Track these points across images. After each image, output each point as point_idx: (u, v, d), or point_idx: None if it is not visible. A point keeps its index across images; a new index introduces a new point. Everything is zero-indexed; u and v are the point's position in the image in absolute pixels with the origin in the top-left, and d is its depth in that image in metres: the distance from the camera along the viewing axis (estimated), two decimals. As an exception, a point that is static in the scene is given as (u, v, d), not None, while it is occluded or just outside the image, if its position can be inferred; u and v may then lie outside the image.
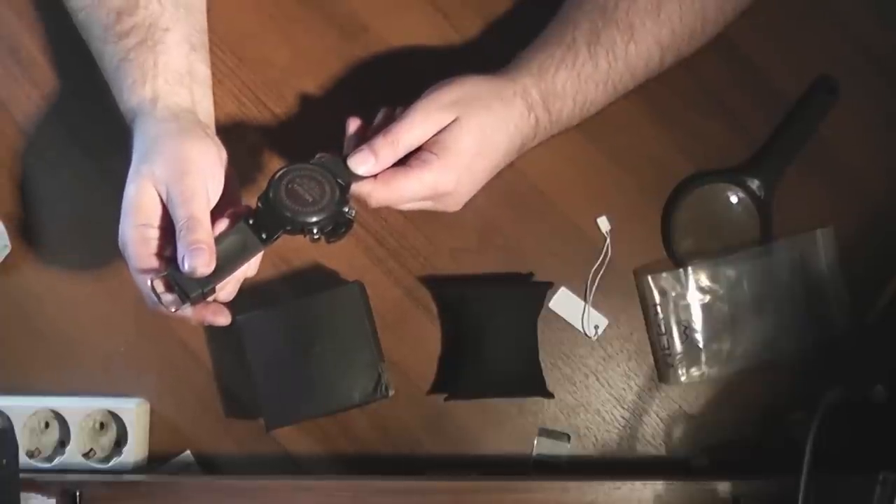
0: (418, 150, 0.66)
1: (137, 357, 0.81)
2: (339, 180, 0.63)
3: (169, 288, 0.61)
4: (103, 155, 0.81)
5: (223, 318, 0.65)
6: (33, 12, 0.82)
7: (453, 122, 0.65)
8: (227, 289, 0.65)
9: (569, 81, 0.68)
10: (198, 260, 0.59)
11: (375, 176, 0.65)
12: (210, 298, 0.62)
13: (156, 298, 0.61)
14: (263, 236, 0.62)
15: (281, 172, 0.62)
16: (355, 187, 0.64)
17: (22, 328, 0.81)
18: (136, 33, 0.68)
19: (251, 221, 0.62)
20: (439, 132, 0.65)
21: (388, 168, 0.65)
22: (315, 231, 0.62)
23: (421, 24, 0.80)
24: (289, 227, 0.61)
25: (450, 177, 0.66)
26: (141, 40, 0.68)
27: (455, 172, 0.66)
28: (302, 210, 0.61)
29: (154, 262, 0.62)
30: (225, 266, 0.61)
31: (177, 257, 0.59)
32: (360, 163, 0.64)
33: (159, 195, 0.62)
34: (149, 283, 0.60)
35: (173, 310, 0.61)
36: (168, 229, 0.62)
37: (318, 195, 0.62)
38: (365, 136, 0.66)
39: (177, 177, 0.61)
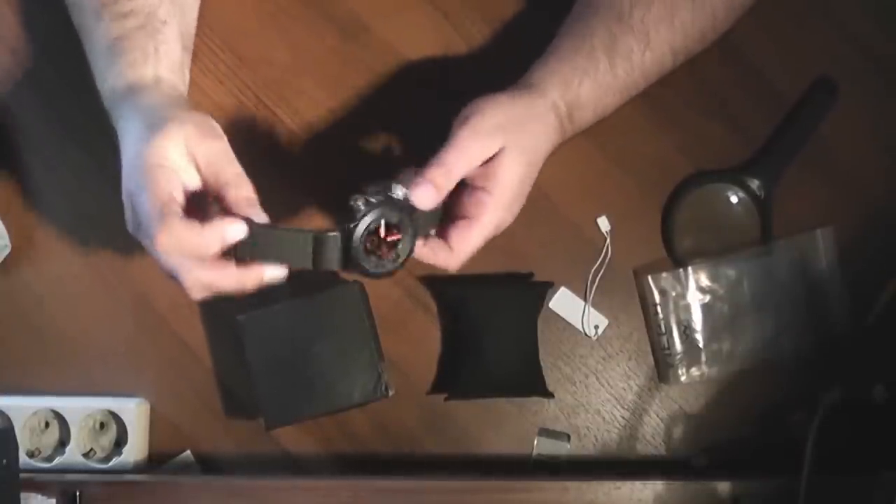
0: (467, 190, 0.65)
1: (137, 356, 0.81)
2: (412, 229, 0.62)
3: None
4: (103, 154, 0.81)
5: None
6: (33, 12, 0.82)
7: (500, 153, 0.64)
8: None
9: (591, 93, 0.68)
10: (252, 210, 0.59)
11: (447, 240, 0.64)
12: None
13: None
14: (313, 260, 0.61)
15: (370, 216, 0.60)
16: (430, 259, 0.64)
17: (22, 328, 0.81)
18: (135, 17, 0.68)
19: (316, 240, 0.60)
20: (489, 165, 0.64)
21: (452, 230, 0.64)
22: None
23: (421, 24, 0.80)
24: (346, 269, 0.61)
25: (507, 210, 0.65)
26: (140, 25, 0.68)
27: (509, 203, 0.65)
28: (371, 265, 0.61)
29: (178, 203, 0.59)
30: (268, 257, 0.60)
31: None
32: (423, 197, 0.62)
33: (189, 156, 0.60)
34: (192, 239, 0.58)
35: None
36: (193, 194, 0.61)
37: (393, 252, 0.62)
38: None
39: (214, 137, 0.61)
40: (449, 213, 0.66)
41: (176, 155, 0.60)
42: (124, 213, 0.62)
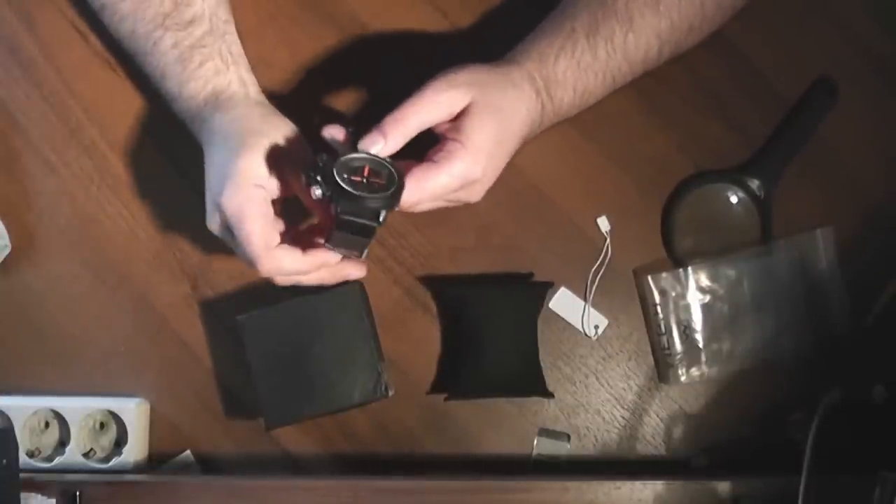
0: (439, 142, 0.66)
1: (137, 356, 0.81)
2: (397, 177, 0.63)
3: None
4: (102, 154, 0.81)
5: (357, 271, 0.71)
6: (33, 12, 0.82)
7: (470, 107, 0.64)
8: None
9: (569, 70, 0.69)
10: None
11: (408, 176, 0.64)
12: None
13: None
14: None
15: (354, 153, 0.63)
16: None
17: (22, 328, 0.81)
18: (200, 24, 0.70)
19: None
20: (459, 119, 0.65)
21: (415, 167, 0.64)
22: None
23: (420, 24, 0.80)
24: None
25: (477, 164, 0.64)
26: (208, 30, 0.70)
27: (481, 158, 0.64)
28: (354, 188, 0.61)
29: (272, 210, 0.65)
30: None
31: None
32: (370, 144, 0.63)
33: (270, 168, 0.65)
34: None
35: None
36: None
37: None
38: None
39: (302, 150, 0.68)
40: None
41: (264, 170, 0.64)
42: (206, 215, 0.67)
